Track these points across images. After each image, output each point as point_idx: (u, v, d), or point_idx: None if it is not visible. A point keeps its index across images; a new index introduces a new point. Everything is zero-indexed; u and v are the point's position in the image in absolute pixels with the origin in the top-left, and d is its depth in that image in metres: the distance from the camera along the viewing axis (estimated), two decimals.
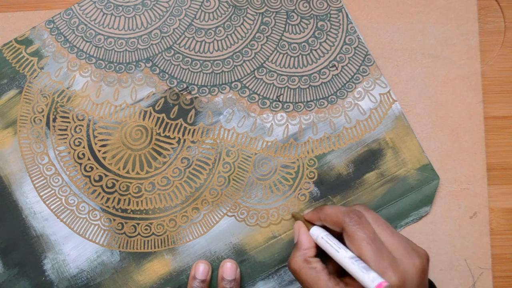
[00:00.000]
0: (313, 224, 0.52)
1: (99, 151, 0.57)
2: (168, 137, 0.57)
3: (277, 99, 0.58)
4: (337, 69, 0.58)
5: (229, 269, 0.56)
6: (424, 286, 0.46)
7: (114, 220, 0.57)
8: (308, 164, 0.57)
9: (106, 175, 0.57)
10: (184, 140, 0.57)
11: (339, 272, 0.50)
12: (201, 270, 0.56)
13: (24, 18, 0.58)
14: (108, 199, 0.57)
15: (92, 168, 0.57)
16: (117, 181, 0.57)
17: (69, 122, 0.57)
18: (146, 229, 0.57)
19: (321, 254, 0.50)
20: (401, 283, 0.44)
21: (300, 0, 0.58)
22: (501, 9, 0.59)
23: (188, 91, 0.57)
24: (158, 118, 0.57)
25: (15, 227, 0.57)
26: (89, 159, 0.57)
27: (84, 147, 0.57)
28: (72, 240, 0.57)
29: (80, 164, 0.57)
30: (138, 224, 0.57)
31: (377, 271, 0.43)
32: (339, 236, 0.49)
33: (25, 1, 0.59)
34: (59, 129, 0.57)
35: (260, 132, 0.57)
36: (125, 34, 0.58)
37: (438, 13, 0.58)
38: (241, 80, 0.58)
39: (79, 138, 0.57)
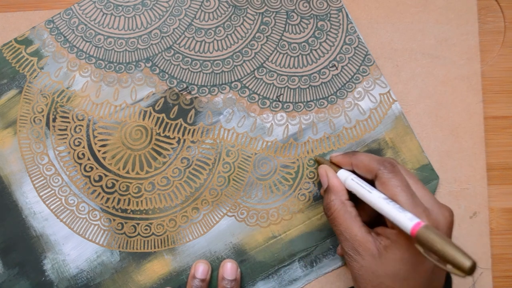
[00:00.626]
0: (339, 168, 0.52)
1: (99, 151, 0.57)
2: (168, 137, 0.57)
3: (277, 99, 0.58)
4: (337, 69, 0.58)
5: (229, 269, 0.56)
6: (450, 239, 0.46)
7: (114, 220, 0.57)
8: (308, 164, 0.57)
9: (106, 175, 0.57)
10: (184, 140, 0.57)
11: (368, 221, 0.50)
12: (200, 269, 0.56)
13: (24, 18, 0.58)
14: (108, 199, 0.57)
15: (92, 168, 0.57)
16: (117, 181, 0.57)
17: (69, 122, 0.57)
18: (146, 229, 0.57)
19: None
20: None
21: (300, 0, 0.58)
22: (501, 9, 0.59)
23: (188, 91, 0.57)
24: (158, 118, 0.57)
25: (15, 227, 0.57)
26: (89, 159, 0.57)
27: (84, 147, 0.57)
28: (72, 240, 0.57)
29: (80, 164, 0.57)
30: (138, 224, 0.57)
31: None
32: (369, 182, 0.49)
33: (25, 1, 0.59)
34: (59, 129, 0.57)
35: (260, 132, 0.57)
36: (125, 34, 0.58)
37: (438, 13, 0.58)
38: (241, 80, 0.58)
39: (79, 138, 0.57)
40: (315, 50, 0.58)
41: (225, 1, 0.58)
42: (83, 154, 0.57)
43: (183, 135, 0.57)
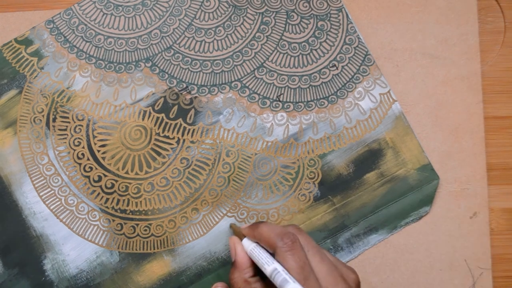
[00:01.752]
0: (240, 232, 0.51)
1: (98, 151, 0.57)
2: (168, 137, 0.57)
3: (277, 99, 0.58)
4: (337, 69, 0.58)
5: None
6: None
7: (113, 220, 0.57)
8: (308, 164, 0.57)
9: (105, 175, 0.57)
10: (184, 140, 0.57)
11: None
12: None
13: (24, 18, 0.58)
14: (107, 199, 0.57)
15: (91, 168, 0.57)
16: (116, 181, 0.57)
17: (69, 122, 0.57)
18: (145, 230, 0.57)
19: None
20: None
21: (300, 0, 0.58)
22: (501, 9, 0.59)
23: (187, 91, 0.57)
24: (158, 118, 0.57)
25: (15, 227, 0.57)
26: (88, 159, 0.57)
27: (83, 147, 0.57)
28: (72, 241, 0.57)
29: (80, 164, 0.57)
30: (137, 225, 0.57)
31: None
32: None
33: (25, 1, 0.59)
34: (59, 129, 0.57)
35: (260, 132, 0.57)
36: (125, 34, 0.58)
37: (438, 13, 0.58)
38: (241, 79, 0.58)
39: (79, 138, 0.57)
40: (315, 50, 0.58)
41: (225, 1, 0.58)
42: (82, 154, 0.57)
43: (182, 135, 0.57)
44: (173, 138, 0.57)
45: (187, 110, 0.57)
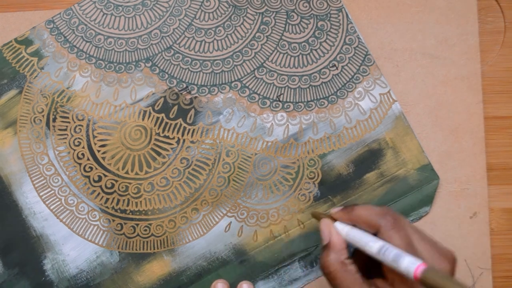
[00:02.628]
0: (327, 215, 0.51)
1: (98, 151, 0.57)
2: (168, 137, 0.57)
3: (277, 99, 0.58)
4: (337, 69, 0.58)
5: None
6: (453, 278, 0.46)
7: (113, 220, 0.57)
8: (308, 164, 0.57)
9: (105, 175, 0.57)
10: (184, 140, 0.57)
11: (365, 267, 0.50)
12: None
13: (24, 18, 0.58)
14: (107, 199, 0.57)
15: (91, 168, 0.57)
16: (116, 181, 0.57)
17: (69, 122, 0.57)
18: (145, 230, 0.57)
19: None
20: None
21: (300, 0, 0.58)
22: (501, 9, 0.59)
23: (187, 91, 0.57)
24: (158, 118, 0.57)
25: (15, 227, 0.57)
26: (88, 159, 0.57)
27: (83, 147, 0.57)
28: (72, 241, 0.57)
29: (80, 164, 0.57)
30: (137, 225, 0.57)
31: None
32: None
33: (25, 1, 0.59)
34: (59, 129, 0.57)
35: (260, 132, 0.57)
36: (125, 34, 0.58)
37: (438, 13, 0.58)
38: (241, 79, 0.58)
39: (79, 138, 0.57)
40: (315, 50, 0.58)
41: (225, 1, 0.58)
42: (82, 154, 0.57)
43: (182, 135, 0.57)
44: (173, 138, 0.57)
45: (187, 110, 0.57)
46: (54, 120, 0.57)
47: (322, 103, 0.58)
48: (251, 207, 0.57)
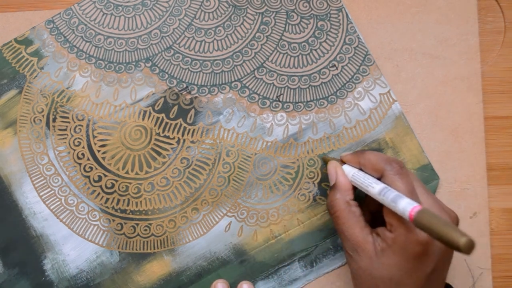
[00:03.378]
0: (343, 163, 0.53)
1: (98, 151, 0.57)
2: (168, 137, 0.57)
3: (277, 99, 0.58)
4: (337, 69, 0.58)
5: None
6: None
7: (114, 220, 0.57)
8: (308, 164, 0.57)
9: (105, 175, 0.57)
10: (184, 140, 0.57)
11: (371, 218, 0.51)
12: None
13: (24, 18, 0.58)
14: (107, 199, 0.57)
15: (91, 168, 0.57)
16: (116, 181, 0.57)
17: (68, 122, 0.57)
18: (146, 230, 0.57)
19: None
20: (431, 240, 0.44)
21: (300, 0, 0.58)
22: (501, 9, 0.59)
23: (187, 91, 0.57)
24: (158, 118, 0.57)
25: (15, 227, 0.57)
26: (88, 159, 0.57)
27: (83, 147, 0.57)
28: (72, 241, 0.57)
29: (80, 164, 0.57)
30: (137, 224, 0.57)
31: None
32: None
33: (25, 1, 0.59)
34: (59, 129, 0.57)
35: (260, 132, 0.57)
36: (125, 34, 0.58)
37: (438, 13, 0.58)
38: (241, 80, 0.58)
39: (79, 138, 0.57)
40: (315, 50, 0.58)
41: (225, 1, 0.58)
42: (82, 154, 0.57)
43: (182, 135, 0.57)
44: (173, 138, 0.57)
45: (187, 110, 0.57)
46: (54, 120, 0.57)
47: (322, 103, 0.58)
48: (251, 207, 0.57)
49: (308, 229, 0.57)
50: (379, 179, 0.48)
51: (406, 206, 0.43)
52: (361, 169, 0.51)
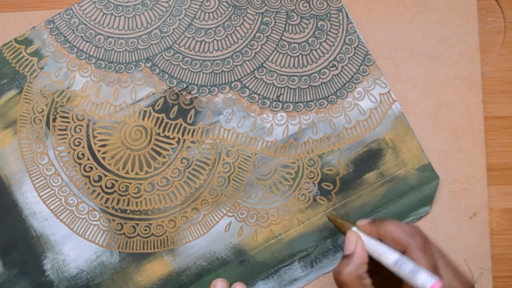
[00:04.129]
0: (353, 225, 0.50)
1: (98, 151, 0.57)
2: (168, 137, 0.57)
3: (277, 99, 0.58)
4: (337, 69, 0.58)
5: None
6: None
7: (114, 220, 0.57)
8: (308, 164, 0.57)
9: (105, 175, 0.57)
10: (184, 140, 0.57)
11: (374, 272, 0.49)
12: None
13: (24, 18, 0.58)
14: (107, 199, 0.57)
15: (91, 168, 0.57)
16: (117, 181, 0.57)
17: (68, 122, 0.57)
18: (146, 230, 0.57)
19: None
20: None
21: (300, 0, 0.58)
22: (501, 9, 0.59)
23: (187, 91, 0.57)
24: (158, 118, 0.57)
25: (15, 227, 0.57)
26: (88, 159, 0.57)
27: (83, 147, 0.57)
28: (72, 241, 0.57)
29: (80, 164, 0.57)
30: (137, 224, 0.57)
31: None
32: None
33: (25, 1, 0.59)
34: (59, 129, 0.57)
35: (260, 132, 0.57)
36: (125, 34, 0.58)
37: (438, 13, 0.58)
38: (241, 80, 0.58)
39: (79, 138, 0.57)
40: (315, 50, 0.58)
41: (225, 1, 0.58)
42: (82, 154, 0.57)
43: (182, 135, 0.57)
44: (173, 138, 0.57)
45: (187, 110, 0.57)
46: (54, 120, 0.57)
47: (322, 103, 0.58)
48: (251, 207, 0.57)
49: (308, 229, 0.57)
50: (402, 252, 0.46)
51: (425, 281, 0.42)
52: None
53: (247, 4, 0.58)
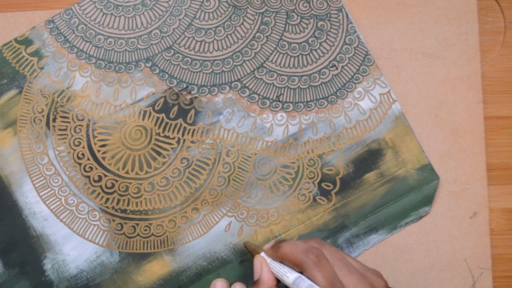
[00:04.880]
0: (262, 250, 0.50)
1: (98, 151, 0.57)
2: (168, 137, 0.57)
3: (277, 99, 0.58)
4: (337, 69, 0.58)
5: None
6: None
7: (114, 220, 0.57)
8: (308, 164, 0.57)
9: (105, 175, 0.57)
10: (184, 140, 0.57)
11: None
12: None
13: (24, 18, 0.58)
14: (107, 199, 0.57)
15: (91, 168, 0.57)
16: (117, 181, 0.57)
17: (69, 122, 0.57)
18: (146, 230, 0.57)
19: None
20: None
21: (300, 0, 0.58)
22: (501, 9, 0.59)
23: (187, 91, 0.57)
24: (158, 118, 0.57)
25: (15, 227, 0.57)
26: (88, 159, 0.57)
27: (83, 147, 0.57)
28: (72, 240, 0.57)
29: (80, 164, 0.57)
30: (137, 224, 0.57)
31: None
32: None
33: (25, 1, 0.59)
34: (59, 129, 0.57)
35: (260, 132, 0.57)
36: (125, 34, 0.58)
37: (438, 13, 0.58)
38: (241, 80, 0.58)
39: (79, 138, 0.57)
40: (315, 50, 0.58)
41: (225, 1, 0.58)
42: (83, 154, 0.57)
43: (182, 135, 0.57)
44: (173, 138, 0.57)
45: (187, 110, 0.57)
46: (54, 120, 0.57)
47: (322, 103, 0.58)
48: (251, 207, 0.57)
49: (308, 229, 0.57)
50: (300, 272, 0.46)
51: None
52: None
53: (247, 4, 0.58)
